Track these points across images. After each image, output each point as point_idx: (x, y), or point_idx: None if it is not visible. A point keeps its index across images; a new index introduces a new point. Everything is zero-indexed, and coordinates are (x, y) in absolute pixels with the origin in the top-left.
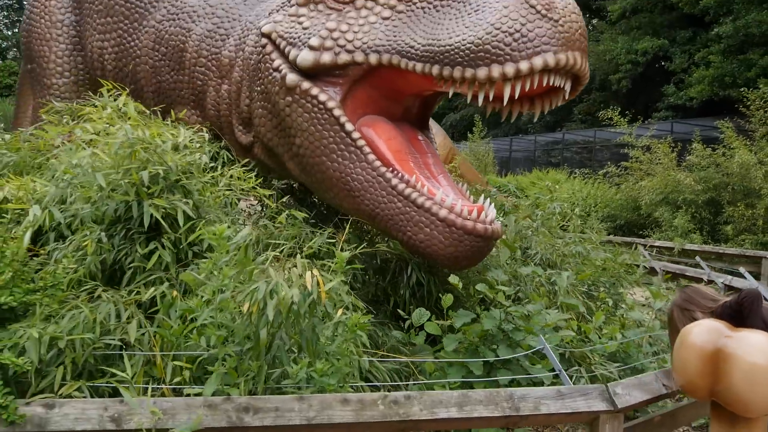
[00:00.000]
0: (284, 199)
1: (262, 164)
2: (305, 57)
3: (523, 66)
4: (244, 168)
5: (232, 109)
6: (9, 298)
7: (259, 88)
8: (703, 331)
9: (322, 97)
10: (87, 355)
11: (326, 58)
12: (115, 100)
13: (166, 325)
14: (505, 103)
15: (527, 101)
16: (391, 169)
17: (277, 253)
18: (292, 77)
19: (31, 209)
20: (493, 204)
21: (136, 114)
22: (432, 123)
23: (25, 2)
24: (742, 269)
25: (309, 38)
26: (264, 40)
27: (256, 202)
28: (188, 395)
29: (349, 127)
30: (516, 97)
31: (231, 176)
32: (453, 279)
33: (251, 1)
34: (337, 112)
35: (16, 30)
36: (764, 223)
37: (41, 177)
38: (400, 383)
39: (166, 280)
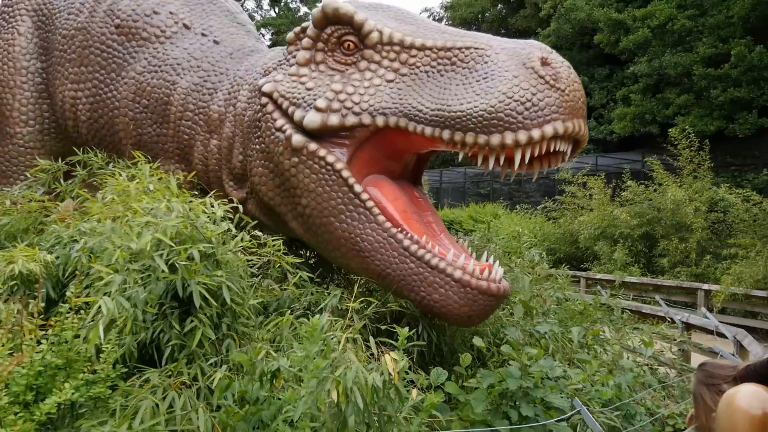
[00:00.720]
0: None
1: (255, 219)
2: (312, 119)
3: (535, 133)
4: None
5: (222, 164)
6: (75, 395)
7: (258, 146)
8: (747, 396)
9: (330, 159)
10: None
11: (334, 120)
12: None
13: (230, 411)
14: (516, 167)
15: (528, 163)
16: (400, 229)
17: (349, 335)
18: (298, 138)
19: (101, 301)
20: (498, 261)
21: (176, 189)
22: None
23: None
24: (703, 310)
25: (315, 99)
26: (264, 99)
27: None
28: None
29: (357, 188)
30: (526, 161)
31: (258, 245)
32: (477, 341)
33: (237, 55)
34: (345, 173)
35: None
36: (697, 255)
37: (48, 245)
38: None
39: (202, 356)
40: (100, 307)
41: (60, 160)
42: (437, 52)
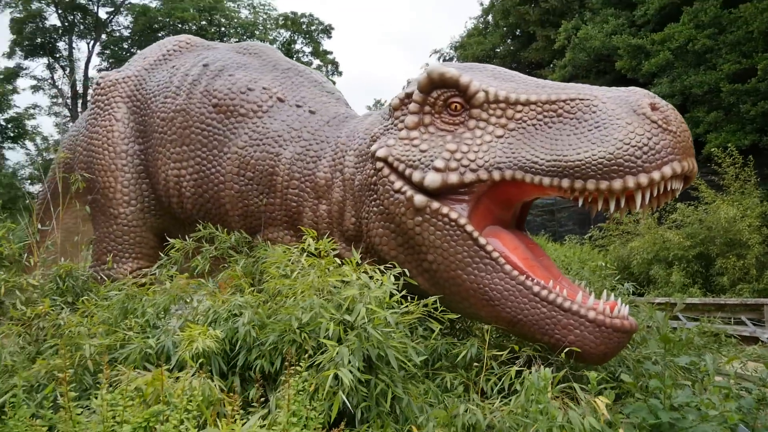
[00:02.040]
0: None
1: None
2: (433, 179)
3: (656, 175)
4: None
5: (333, 227)
6: None
7: (376, 209)
8: None
9: (454, 215)
10: None
11: (453, 178)
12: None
13: None
14: (638, 209)
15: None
16: (527, 276)
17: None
18: (420, 198)
19: (341, 373)
20: (621, 299)
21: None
22: None
23: (78, 134)
24: None
25: (432, 161)
26: (380, 164)
27: None
28: None
29: (482, 241)
30: (646, 202)
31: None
32: (626, 377)
33: (334, 123)
34: (469, 227)
35: None
36: (757, 271)
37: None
38: None
39: (387, 415)
40: (337, 377)
41: (163, 236)
42: (542, 105)
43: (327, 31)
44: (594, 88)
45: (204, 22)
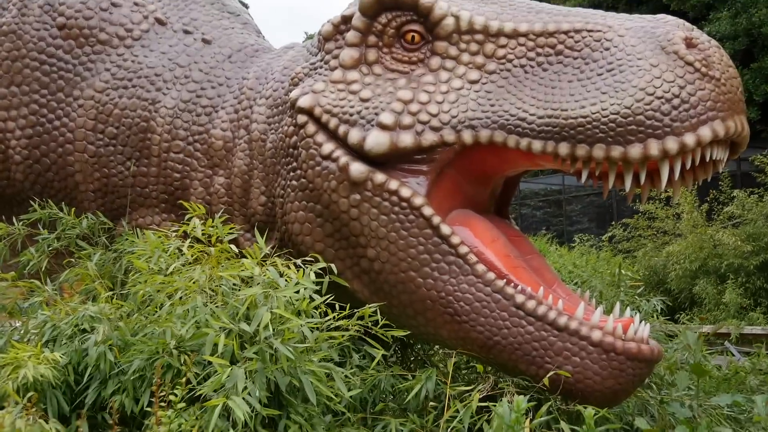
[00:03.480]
0: None
1: None
2: (377, 140)
3: (689, 139)
4: None
5: (234, 209)
6: None
7: (295, 183)
8: None
9: (405, 193)
10: None
11: (406, 139)
12: None
13: None
14: (663, 185)
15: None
16: (506, 281)
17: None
18: (358, 168)
19: (232, 403)
20: (638, 315)
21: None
22: None
23: None
24: None
25: (376, 114)
26: (302, 118)
27: None
28: None
29: (445, 230)
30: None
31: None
32: (641, 423)
33: (238, 58)
34: (427, 210)
35: None
36: None
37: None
38: None
39: None
40: (228, 409)
41: None
42: (536, 38)
43: None
44: (609, 16)
45: None
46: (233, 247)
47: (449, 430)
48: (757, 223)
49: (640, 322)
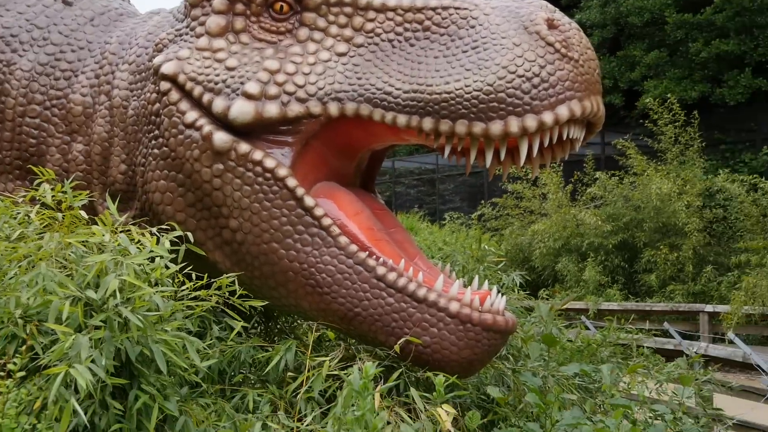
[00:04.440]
0: None
1: None
2: (242, 109)
3: (547, 117)
4: None
5: (93, 177)
6: None
7: (157, 151)
8: None
9: (270, 164)
10: None
11: (272, 110)
12: None
13: None
14: (521, 162)
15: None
16: (369, 253)
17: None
18: (222, 137)
19: (75, 371)
20: (495, 287)
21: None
22: None
23: None
24: (731, 335)
25: (242, 83)
26: (165, 85)
27: None
28: None
29: (309, 201)
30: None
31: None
32: (493, 391)
33: (100, 21)
34: (291, 182)
35: None
36: (694, 267)
37: None
38: None
39: None
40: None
41: None
42: (404, 13)
43: None
44: None
45: None
46: (83, 213)
47: (310, 401)
48: (616, 204)
49: (497, 294)
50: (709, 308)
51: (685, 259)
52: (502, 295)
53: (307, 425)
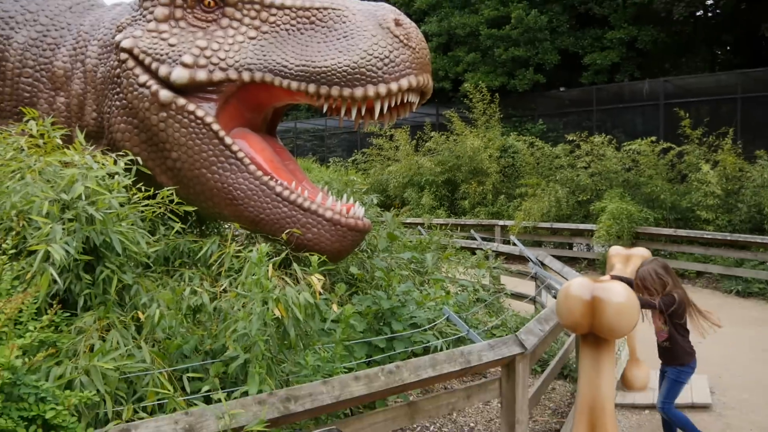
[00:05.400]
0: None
1: None
2: (180, 74)
3: (393, 86)
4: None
5: (72, 122)
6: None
7: (119, 103)
8: (578, 286)
9: (200, 113)
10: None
11: (201, 75)
12: None
13: (167, 343)
14: (376, 117)
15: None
16: (270, 177)
17: (276, 269)
18: (166, 93)
19: (52, 248)
20: (358, 202)
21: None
22: None
23: None
24: (512, 238)
25: (180, 56)
26: (124, 55)
27: None
28: (218, 400)
29: (228, 140)
30: (385, 111)
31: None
32: (354, 270)
33: (77, 9)
34: (215, 126)
35: None
36: (493, 196)
37: None
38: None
39: (116, 303)
40: (48, 254)
41: None
42: (296, 11)
43: None
44: (348, 1)
45: None
46: (59, 140)
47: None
48: (444, 154)
49: (358, 206)
50: (501, 222)
51: (487, 191)
52: (362, 206)
53: (223, 288)
